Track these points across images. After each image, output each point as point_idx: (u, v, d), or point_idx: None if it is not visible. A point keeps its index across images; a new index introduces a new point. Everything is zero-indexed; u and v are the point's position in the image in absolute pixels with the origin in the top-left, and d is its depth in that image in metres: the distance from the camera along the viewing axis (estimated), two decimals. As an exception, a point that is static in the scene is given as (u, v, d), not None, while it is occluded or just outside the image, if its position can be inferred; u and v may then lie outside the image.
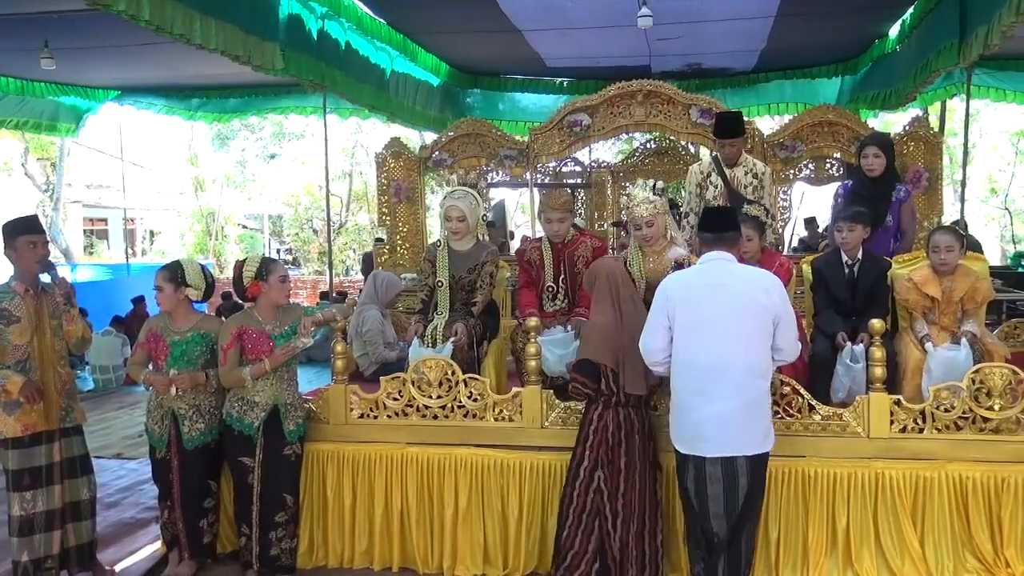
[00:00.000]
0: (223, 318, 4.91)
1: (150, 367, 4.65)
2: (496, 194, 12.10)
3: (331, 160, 9.65)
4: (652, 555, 4.17)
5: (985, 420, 4.32)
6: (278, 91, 11.55)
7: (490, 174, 10.07)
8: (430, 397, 4.80)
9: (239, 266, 4.62)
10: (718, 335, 3.69)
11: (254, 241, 29.66)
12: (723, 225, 3.97)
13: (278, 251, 29.30)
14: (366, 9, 8.71)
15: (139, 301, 12.91)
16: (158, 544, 5.09)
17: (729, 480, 3.68)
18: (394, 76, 9.53)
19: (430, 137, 10.63)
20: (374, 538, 4.82)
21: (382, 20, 9.09)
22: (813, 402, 4.45)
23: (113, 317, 12.44)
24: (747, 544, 3.83)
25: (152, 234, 30.67)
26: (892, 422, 4.39)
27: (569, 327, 5.15)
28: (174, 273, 4.59)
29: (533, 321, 4.80)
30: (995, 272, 11.49)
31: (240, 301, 4.95)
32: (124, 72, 10.47)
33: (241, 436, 4.53)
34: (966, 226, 10.46)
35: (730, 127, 6.04)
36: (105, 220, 29.18)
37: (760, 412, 3.77)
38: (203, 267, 4.78)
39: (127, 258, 20.35)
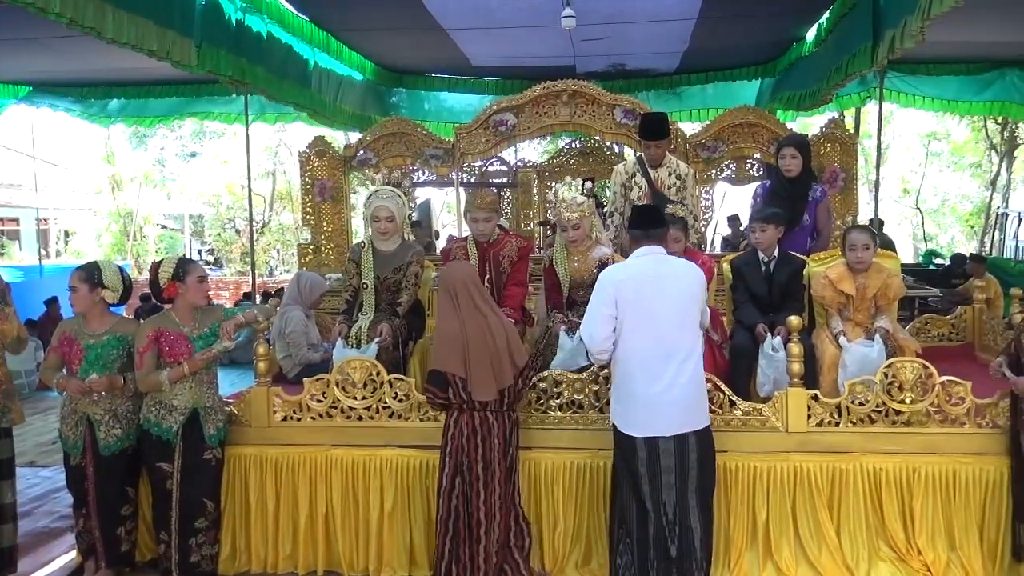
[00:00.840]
0: (141, 320, 4.79)
1: (64, 371, 4.50)
2: (422, 194, 12.05)
3: (254, 159, 9.47)
4: (517, 558, 4.21)
5: (897, 413, 4.45)
6: (200, 92, 11.21)
7: (416, 173, 10.04)
8: (355, 398, 4.75)
9: (155, 267, 4.51)
10: (666, 322, 3.88)
11: (174, 241, 28.96)
12: (651, 222, 4.14)
13: (199, 252, 28.69)
14: (288, 5, 8.57)
15: (52, 303, 12.49)
16: (73, 554, 4.93)
17: (681, 455, 3.85)
18: (318, 73, 9.36)
19: (355, 136, 10.52)
20: (298, 542, 4.75)
21: (304, 16, 8.95)
22: (734, 398, 4.53)
23: (26, 320, 12.00)
24: (702, 528, 3.88)
25: (67, 234, 29.73)
26: (810, 416, 4.50)
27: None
28: (90, 274, 4.46)
29: (458, 321, 4.78)
30: (907, 269, 11.88)
31: (158, 303, 4.82)
32: (36, 65, 10.08)
33: (159, 441, 4.41)
34: (881, 225, 10.81)
35: (655, 129, 6.11)
36: (16, 220, 28.12)
37: (702, 390, 4.02)
38: (120, 269, 4.66)
39: (40, 259, 19.67)
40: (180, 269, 4.43)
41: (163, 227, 29.82)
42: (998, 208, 19.66)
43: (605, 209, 6.68)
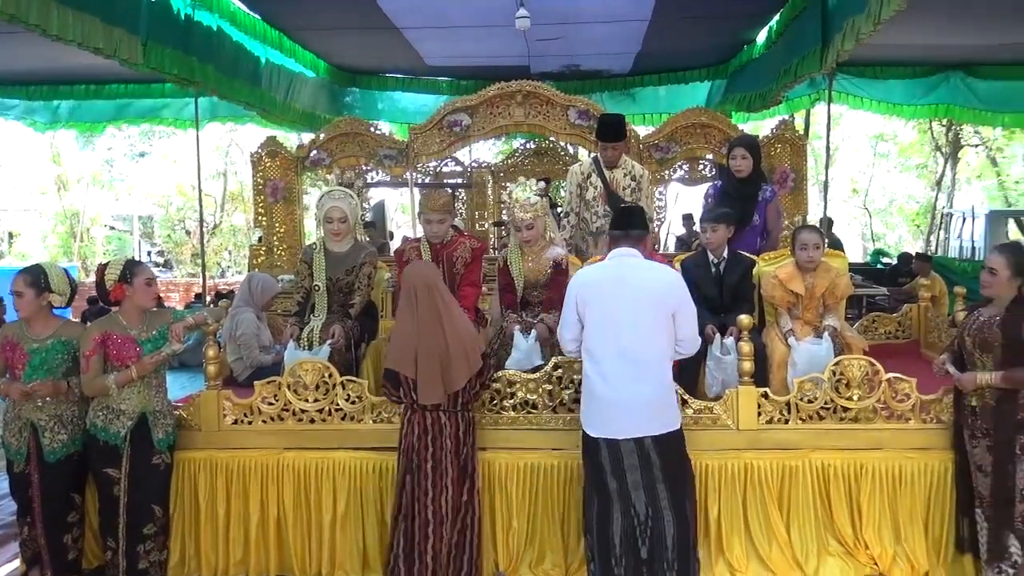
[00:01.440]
0: (88, 323, 4.69)
1: (7, 376, 4.40)
2: (375, 194, 11.99)
3: (204, 159, 9.36)
4: (469, 558, 4.22)
5: (845, 410, 4.52)
6: (150, 92, 11.02)
7: (369, 174, 9.99)
8: (307, 401, 4.70)
9: (102, 269, 4.41)
10: (624, 327, 3.87)
11: (123, 243, 28.45)
12: (630, 223, 4.17)
13: (149, 253, 28.20)
14: (239, 4, 8.47)
15: (-3, 305, 12.21)
16: (17, 563, 4.81)
17: (643, 456, 3.86)
18: (269, 72, 9.26)
19: (307, 136, 10.43)
20: (249, 547, 4.69)
21: (256, 15, 8.86)
22: (686, 396, 4.57)
23: (-32, 323, 11.72)
24: (675, 528, 3.87)
25: (11, 236, 29.07)
26: (760, 414, 4.55)
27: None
28: (36, 278, 4.35)
29: (412, 322, 4.76)
30: (855, 268, 12.09)
31: (105, 306, 4.73)
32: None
33: (106, 446, 4.32)
34: (830, 224, 10.98)
35: (612, 131, 6.15)
36: (-43, 221, 27.51)
37: (666, 397, 3.97)
38: (66, 271, 4.55)
39: (-17, 261, 19.23)
40: (127, 271, 4.35)
41: (111, 228, 29.29)
42: (943, 208, 20.08)
43: (560, 209, 6.70)
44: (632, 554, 3.87)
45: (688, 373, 5.02)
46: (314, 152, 7.91)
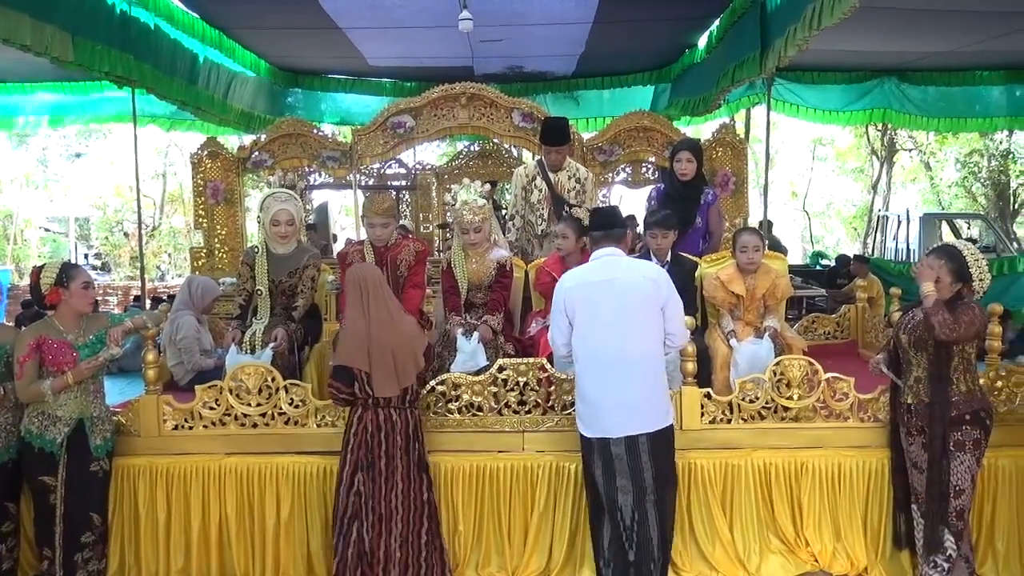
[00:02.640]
0: (22, 328, 4.57)
1: (-64, 383, 4.27)
2: (318, 196, 11.88)
3: (143, 160, 9.17)
4: (427, 555, 4.21)
5: (786, 409, 4.60)
6: (87, 90, 10.72)
7: (312, 175, 9.90)
8: (249, 405, 4.65)
9: (36, 272, 4.30)
10: (614, 326, 3.90)
11: (58, 245, 27.78)
12: (610, 223, 4.19)
13: (86, 256, 27.56)
14: (177, 2, 8.31)
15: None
16: (-53, 575, 4.68)
17: (633, 456, 3.87)
18: (207, 71, 9.10)
19: (248, 137, 10.28)
20: (191, 554, 4.62)
21: (195, 14, 8.71)
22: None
23: None
24: (659, 529, 3.92)
25: (-59, 238, 28.24)
26: (703, 414, 4.61)
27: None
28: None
29: (356, 324, 4.73)
30: (795, 270, 12.32)
31: (41, 310, 4.61)
32: None
33: (42, 453, 4.21)
34: (770, 227, 11.16)
35: (556, 135, 6.17)
36: None
37: (658, 393, 4.00)
38: None
39: (-91, 265, 18.64)
40: (64, 274, 4.25)
41: (46, 230, 28.60)
42: (879, 211, 20.54)
43: (505, 212, 6.71)
44: (620, 558, 3.91)
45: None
46: (256, 153, 7.82)
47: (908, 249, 15.29)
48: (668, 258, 5.39)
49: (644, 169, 9.40)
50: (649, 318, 3.97)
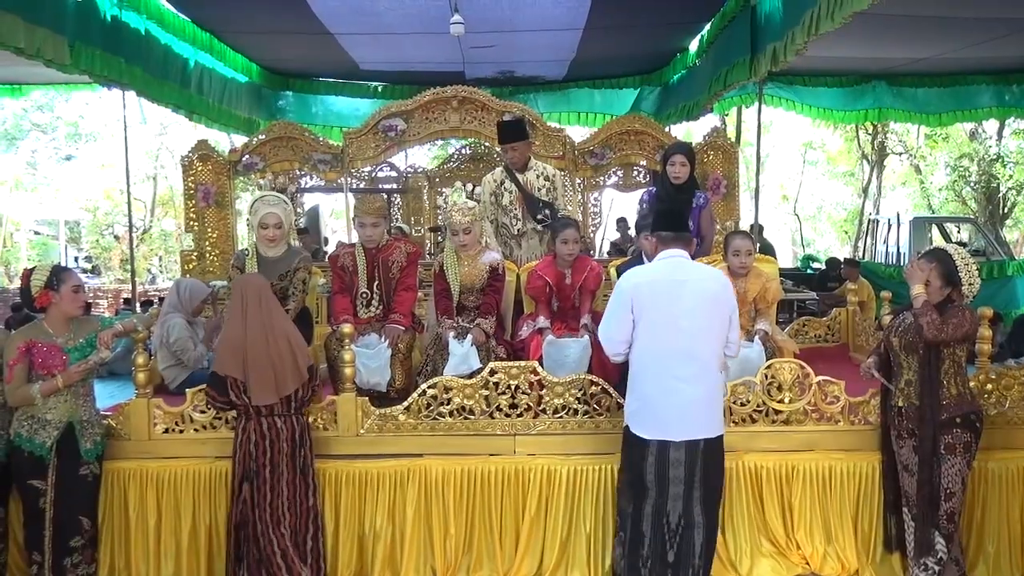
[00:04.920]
0: (12, 331, 4.55)
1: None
2: (310, 200, 11.86)
3: (133, 162, 9.14)
4: (312, 560, 4.24)
5: (777, 412, 4.61)
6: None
7: (304, 179, 9.88)
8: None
9: (27, 274, 4.29)
10: (685, 327, 3.84)
11: (48, 248, 27.63)
12: (679, 225, 4.13)
13: (76, 259, 27.45)
14: (168, 5, 8.30)
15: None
16: (-64, 579, 4.65)
17: (690, 462, 3.83)
18: (200, 75, 9.09)
19: (239, 140, 10.25)
20: (181, 559, 4.59)
21: (186, 17, 8.70)
22: (622, 400, 4.59)
23: None
24: (705, 534, 3.90)
25: (-71, 241, 28.09)
26: (695, 417, 4.60)
27: (384, 336, 5.11)
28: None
29: (348, 327, 4.73)
30: (786, 273, 12.35)
31: (31, 313, 4.59)
32: None
33: (32, 457, 4.19)
34: (761, 230, 11.19)
35: (512, 132, 6.19)
36: None
37: (719, 399, 3.99)
38: None
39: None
40: (54, 277, 4.23)
41: (36, 233, 28.48)
42: (870, 214, 20.60)
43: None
44: (660, 560, 3.88)
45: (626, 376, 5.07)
46: (247, 156, 7.78)
47: (898, 253, 15.34)
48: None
49: (635, 173, 9.41)
50: (718, 322, 3.93)
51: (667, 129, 8.71)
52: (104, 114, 24.20)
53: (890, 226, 16.17)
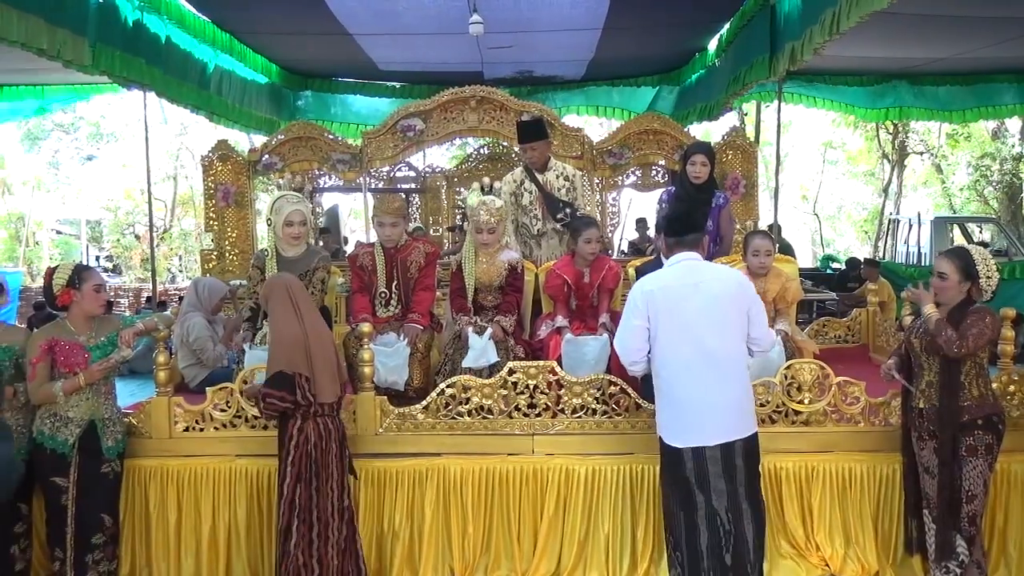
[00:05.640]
0: (34, 329, 4.59)
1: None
2: (329, 199, 11.90)
3: (154, 162, 9.20)
4: (355, 560, 4.21)
5: (796, 413, 4.59)
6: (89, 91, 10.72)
7: (322, 178, 9.92)
8: (260, 407, 4.65)
9: (50, 273, 4.33)
10: (704, 330, 3.83)
11: (70, 247, 27.92)
12: (687, 228, 4.08)
13: (97, 258, 27.69)
14: (188, 6, 8.35)
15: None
16: (-41, 575, 4.70)
17: (728, 462, 3.82)
18: (220, 76, 9.16)
19: (259, 140, 10.30)
20: (201, 556, 4.63)
21: (206, 18, 8.75)
22: (640, 401, 4.60)
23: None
24: (754, 529, 3.89)
25: (-47, 240, 28.38)
26: (714, 418, 4.58)
27: (403, 335, 5.12)
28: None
29: (366, 327, 4.74)
30: (805, 274, 12.28)
31: (53, 311, 4.63)
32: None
33: (54, 455, 4.22)
34: (779, 230, 11.15)
35: (532, 131, 6.17)
36: None
37: (748, 398, 3.98)
38: None
39: (-77, 266, 18.74)
40: (76, 276, 4.26)
41: (58, 232, 28.76)
42: (890, 214, 20.47)
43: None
44: (719, 564, 3.86)
45: (645, 376, 5.06)
46: (266, 156, 7.82)
47: (919, 253, 15.22)
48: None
49: (654, 172, 9.39)
50: (737, 321, 3.91)
51: (686, 129, 8.66)
52: (125, 114, 24.39)
53: (911, 226, 16.05)
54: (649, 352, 3.96)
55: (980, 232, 18.19)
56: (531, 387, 4.61)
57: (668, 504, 4.03)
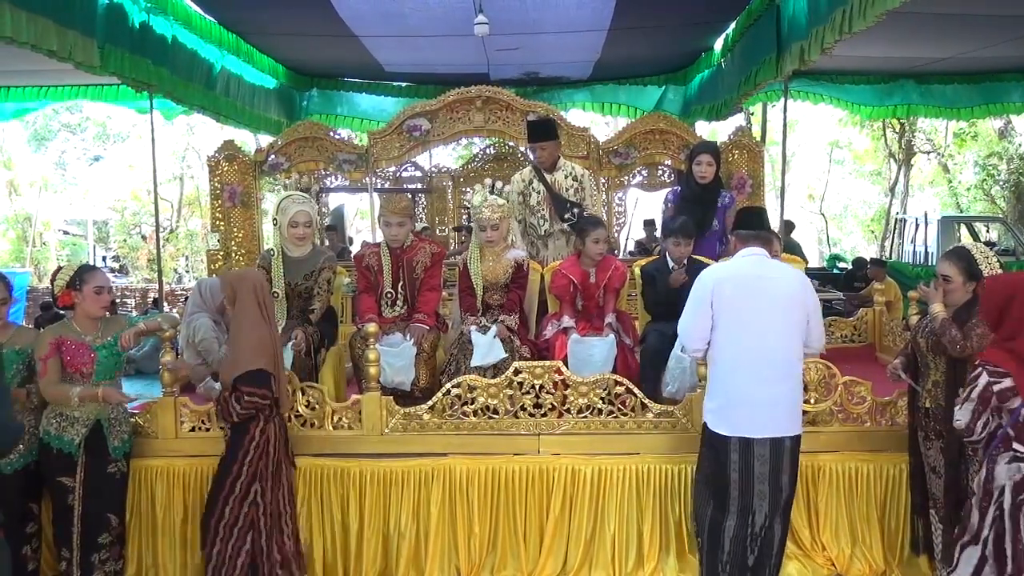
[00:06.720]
0: (41, 329, 4.61)
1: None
2: (335, 199, 11.92)
3: (160, 163, 9.23)
4: (294, 555, 4.25)
5: (803, 413, 4.56)
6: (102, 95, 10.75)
7: (328, 178, 9.93)
8: (266, 407, 4.66)
9: (55, 273, 4.35)
10: (767, 323, 3.86)
11: (77, 248, 27.94)
12: (760, 223, 4.17)
13: (104, 258, 27.73)
14: (195, 7, 8.37)
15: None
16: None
17: (775, 459, 3.83)
18: (226, 76, 9.18)
19: (265, 140, 10.31)
20: (207, 556, 4.63)
21: (213, 19, 8.76)
22: (646, 401, 4.60)
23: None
24: (781, 532, 3.94)
25: (-40, 241, 28.45)
26: (719, 418, 4.57)
27: (408, 335, 5.12)
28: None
29: (372, 327, 4.74)
30: (812, 273, 12.22)
31: (59, 311, 4.64)
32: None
33: (60, 455, 4.23)
34: (791, 229, 11.11)
35: (542, 131, 6.16)
36: (-95, 225, 26.83)
37: (800, 397, 4.00)
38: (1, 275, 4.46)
39: (-69, 267, 18.79)
40: (77, 278, 4.26)
41: (65, 233, 28.80)
42: (897, 214, 20.41)
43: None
44: (741, 563, 3.89)
45: (650, 376, 5.06)
46: (272, 156, 7.83)
47: (926, 252, 15.19)
48: (685, 262, 5.38)
49: (660, 172, 9.38)
50: (800, 320, 3.93)
51: (692, 128, 8.65)
52: (132, 115, 24.39)
53: (918, 225, 16.01)
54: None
55: (987, 231, 18.12)
56: (537, 387, 4.62)
57: (699, 489, 4.08)
